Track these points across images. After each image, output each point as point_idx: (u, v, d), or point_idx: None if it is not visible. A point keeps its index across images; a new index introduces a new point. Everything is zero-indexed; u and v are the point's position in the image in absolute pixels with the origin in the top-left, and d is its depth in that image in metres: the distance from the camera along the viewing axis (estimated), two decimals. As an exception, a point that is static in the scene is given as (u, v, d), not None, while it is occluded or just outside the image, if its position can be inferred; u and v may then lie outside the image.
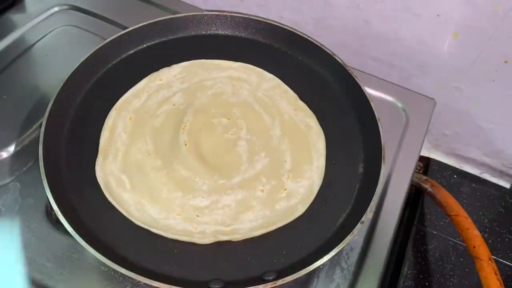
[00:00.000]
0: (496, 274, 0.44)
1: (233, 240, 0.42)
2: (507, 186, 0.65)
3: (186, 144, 0.46)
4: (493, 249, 0.48)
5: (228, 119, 0.49)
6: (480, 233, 0.47)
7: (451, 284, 0.53)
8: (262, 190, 0.45)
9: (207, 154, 0.46)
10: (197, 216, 0.43)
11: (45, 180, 0.40)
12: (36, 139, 0.44)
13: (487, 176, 0.67)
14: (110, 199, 0.43)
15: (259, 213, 0.43)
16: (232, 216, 0.43)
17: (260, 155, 0.47)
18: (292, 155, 0.48)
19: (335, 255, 0.39)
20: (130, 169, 0.45)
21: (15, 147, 0.48)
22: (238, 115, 0.50)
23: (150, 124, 0.48)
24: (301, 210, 0.44)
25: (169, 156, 0.46)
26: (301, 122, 0.50)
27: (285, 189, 0.45)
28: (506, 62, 0.54)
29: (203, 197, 0.44)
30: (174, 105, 0.50)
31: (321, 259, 0.38)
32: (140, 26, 0.54)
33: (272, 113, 0.50)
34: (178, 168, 0.45)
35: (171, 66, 0.53)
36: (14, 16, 0.60)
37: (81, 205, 0.42)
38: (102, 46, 0.51)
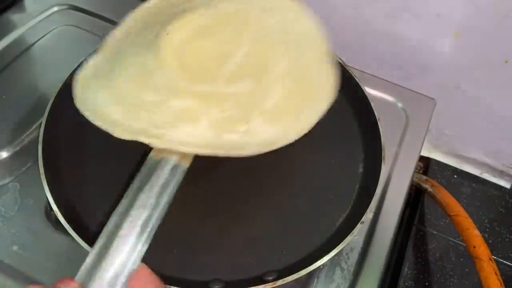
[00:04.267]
0: (496, 274, 0.44)
1: (151, 144, 0.35)
2: (507, 186, 0.65)
3: (168, 34, 0.39)
4: (493, 249, 0.48)
5: (234, 33, 0.41)
6: (480, 233, 0.47)
7: (451, 284, 0.53)
8: (222, 111, 0.36)
9: (185, 52, 0.38)
10: (136, 107, 0.36)
11: (45, 180, 0.40)
12: (36, 139, 0.44)
13: (487, 176, 0.67)
14: None
15: (199, 130, 0.35)
16: (168, 121, 0.35)
17: (245, 80, 0.38)
18: (283, 97, 0.37)
19: (335, 255, 0.39)
20: None
21: (15, 147, 0.48)
22: (248, 35, 0.41)
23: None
24: (247, 151, 0.35)
25: (148, 43, 0.39)
26: (315, 73, 0.40)
27: (247, 123, 0.36)
28: (506, 62, 0.54)
29: (153, 92, 0.37)
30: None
31: (321, 259, 0.38)
32: (140, 26, 0.54)
33: (289, 48, 0.41)
34: (145, 53, 0.39)
35: None
36: (14, 16, 0.60)
37: (81, 205, 0.42)
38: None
